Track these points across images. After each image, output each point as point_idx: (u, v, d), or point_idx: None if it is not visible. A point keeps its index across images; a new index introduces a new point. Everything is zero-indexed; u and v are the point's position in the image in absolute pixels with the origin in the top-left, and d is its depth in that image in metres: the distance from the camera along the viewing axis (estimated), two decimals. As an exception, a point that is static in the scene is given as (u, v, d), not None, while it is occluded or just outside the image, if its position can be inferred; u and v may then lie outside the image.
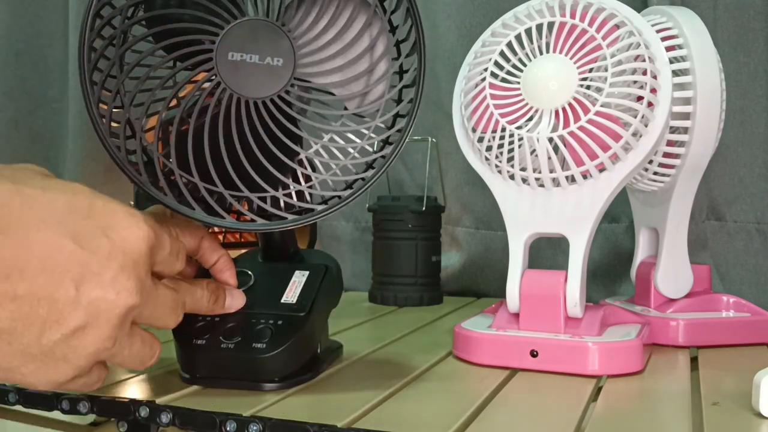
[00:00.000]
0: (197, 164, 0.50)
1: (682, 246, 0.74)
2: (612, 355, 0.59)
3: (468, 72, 0.66)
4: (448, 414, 0.48)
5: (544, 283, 0.63)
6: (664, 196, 0.73)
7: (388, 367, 0.62)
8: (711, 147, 0.71)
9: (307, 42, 0.52)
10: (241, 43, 0.50)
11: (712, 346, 0.70)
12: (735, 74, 0.94)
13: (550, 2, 0.64)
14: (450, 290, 1.07)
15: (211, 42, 0.50)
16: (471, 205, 1.08)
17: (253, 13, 0.51)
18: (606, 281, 1.01)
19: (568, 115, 0.61)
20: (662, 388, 0.57)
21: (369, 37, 0.53)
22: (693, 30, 0.69)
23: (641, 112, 0.60)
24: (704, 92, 0.68)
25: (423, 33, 0.52)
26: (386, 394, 0.53)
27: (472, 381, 0.59)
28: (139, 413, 0.49)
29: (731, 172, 0.95)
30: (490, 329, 0.64)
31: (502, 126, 0.63)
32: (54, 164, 1.33)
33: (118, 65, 0.51)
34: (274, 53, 0.50)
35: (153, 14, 0.52)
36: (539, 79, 0.62)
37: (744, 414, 0.49)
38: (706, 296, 0.75)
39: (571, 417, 0.48)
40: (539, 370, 0.60)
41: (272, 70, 0.50)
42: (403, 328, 0.80)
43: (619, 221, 1.00)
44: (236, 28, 0.50)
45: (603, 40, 0.61)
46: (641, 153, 0.61)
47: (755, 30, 0.94)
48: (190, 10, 0.51)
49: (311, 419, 0.46)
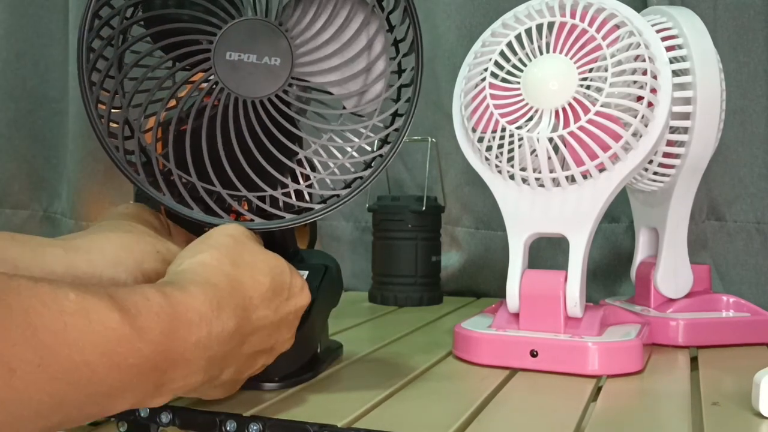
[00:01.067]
0: (195, 164, 0.50)
1: (682, 246, 0.74)
2: (612, 355, 0.59)
3: (468, 72, 0.66)
4: (448, 414, 0.48)
5: (544, 283, 0.63)
6: (664, 196, 0.73)
7: (388, 367, 0.62)
8: (711, 147, 0.70)
9: (304, 41, 0.52)
10: (239, 42, 0.50)
11: (712, 346, 0.70)
12: (735, 74, 0.94)
13: (550, 2, 0.64)
14: (450, 290, 1.07)
15: (209, 42, 0.50)
16: (471, 205, 1.07)
17: (251, 13, 0.51)
18: (606, 281, 1.01)
19: (568, 115, 0.61)
20: (662, 388, 0.57)
21: (366, 36, 0.52)
22: (693, 30, 0.69)
23: (641, 112, 0.60)
24: (704, 92, 0.68)
25: (421, 32, 0.52)
26: (386, 394, 0.53)
27: (472, 381, 0.59)
28: (139, 413, 0.49)
29: (731, 172, 0.95)
30: (490, 329, 0.64)
31: (502, 126, 0.63)
32: (54, 164, 1.33)
33: (116, 65, 0.51)
34: (272, 53, 0.50)
35: (151, 14, 0.52)
36: (539, 79, 0.62)
37: (744, 414, 0.49)
38: (705, 296, 0.75)
39: (571, 417, 0.48)
40: (539, 370, 0.60)
41: (270, 69, 0.50)
42: (403, 328, 0.80)
43: (619, 221, 1.00)
44: (234, 28, 0.50)
45: (603, 40, 0.61)
46: (641, 153, 0.61)
47: (755, 30, 0.94)
48: (188, 11, 0.51)
49: (311, 419, 0.46)
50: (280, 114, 0.51)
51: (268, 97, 0.51)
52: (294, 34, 0.52)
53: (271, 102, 0.51)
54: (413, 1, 0.52)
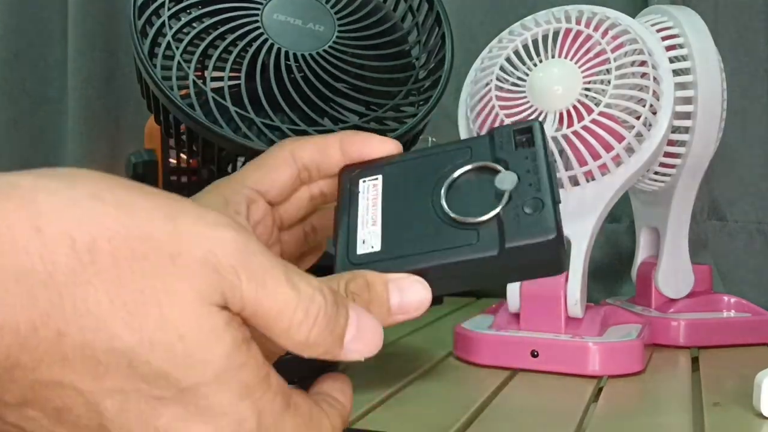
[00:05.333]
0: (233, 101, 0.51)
1: (683, 246, 0.74)
2: (613, 356, 0.59)
3: (475, 76, 0.67)
4: (449, 414, 0.48)
5: (545, 283, 0.63)
6: (665, 196, 0.73)
7: (388, 368, 0.62)
8: (712, 147, 0.70)
9: (349, 22, 0.54)
10: (287, 8, 0.53)
11: (713, 346, 0.70)
12: (736, 74, 0.93)
13: (556, 13, 0.65)
14: (450, 290, 1.06)
15: (256, 9, 0.53)
16: (471, 205, 1.07)
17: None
18: (607, 281, 1.00)
19: (572, 117, 0.61)
20: (663, 389, 0.57)
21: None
22: (694, 29, 0.69)
23: (644, 114, 0.60)
24: (705, 92, 0.68)
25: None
26: (386, 394, 0.53)
27: (472, 381, 0.59)
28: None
29: (732, 171, 0.95)
30: (491, 329, 0.64)
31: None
32: (54, 164, 1.33)
33: (167, 24, 0.52)
34: (317, 21, 0.53)
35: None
36: (545, 83, 0.63)
37: (745, 414, 0.49)
38: (707, 296, 0.75)
39: (572, 417, 0.48)
40: (540, 370, 0.60)
41: (314, 33, 0.53)
42: (403, 328, 0.80)
43: (620, 221, 1.00)
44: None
45: (607, 46, 0.62)
46: (643, 156, 0.61)
47: (756, 29, 0.93)
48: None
49: (311, 420, 0.46)
50: (323, 71, 0.52)
51: (310, 53, 0.52)
52: (338, 9, 0.55)
53: (313, 59, 0.52)
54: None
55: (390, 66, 0.55)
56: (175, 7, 0.53)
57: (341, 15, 0.54)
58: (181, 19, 0.53)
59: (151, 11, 0.52)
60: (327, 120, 0.53)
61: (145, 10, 0.52)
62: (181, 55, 0.51)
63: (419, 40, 0.58)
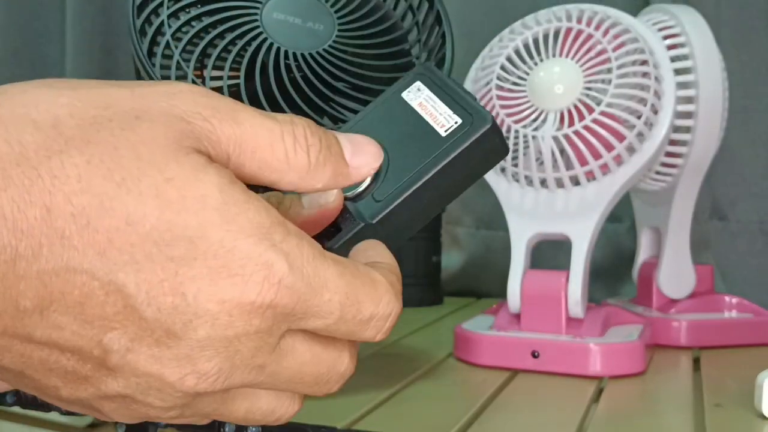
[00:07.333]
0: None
1: (685, 246, 0.73)
2: (614, 356, 0.59)
3: (475, 75, 0.67)
4: (449, 415, 0.48)
5: (546, 283, 0.63)
6: (666, 196, 0.73)
7: (388, 368, 0.62)
8: (714, 146, 0.70)
9: (349, 21, 0.54)
10: (286, 7, 0.53)
11: (715, 346, 0.70)
12: (738, 73, 0.93)
13: (557, 12, 0.65)
14: (450, 290, 1.06)
15: (255, 8, 0.52)
16: (471, 205, 1.07)
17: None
18: (608, 281, 1.00)
19: (573, 116, 0.61)
20: (664, 389, 0.57)
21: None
22: (695, 28, 0.69)
23: (645, 115, 0.60)
24: (707, 91, 0.68)
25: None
26: (386, 395, 0.53)
27: (472, 382, 0.58)
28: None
29: (734, 171, 0.95)
30: (491, 330, 0.64)
31: (507, 126, 0.63)
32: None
33: (166, 23, 0.52)
34: (316, 20, 0.53)
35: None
36: (545, 82, 0.63)
37: (747, 415, 0.48)
38: (708, 297, 0.75)
39: (573, 418, 0.48)
40: (540, 371, 0.60)
41: (314, 32, 0.53)
42: (403, 328, 0.79)
43: (621, 221, 1.00)
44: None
45: (608, 45, 0.62)
46: (644, 156, 0.61)
47: (758, 29, 0.93)
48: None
49: (311, 421, 0.46)
50: (323, 70, 0.52)
51: (309, 52, 0.52)
52: (338, 6, 0.54)
53: (313, 58, 0.52)
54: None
55: (390, 65, 0.55)
56: (174, 6, 0.52)
57: (341, 14, 0.54)
58: (180, 18, 0.52)
59: (150, 10, 0.52)
60: (327, 119, 0.53)
61: (144, 8, 0.52)
62: (180, 55, 0.51)
63: (419, 39, 0.58)
